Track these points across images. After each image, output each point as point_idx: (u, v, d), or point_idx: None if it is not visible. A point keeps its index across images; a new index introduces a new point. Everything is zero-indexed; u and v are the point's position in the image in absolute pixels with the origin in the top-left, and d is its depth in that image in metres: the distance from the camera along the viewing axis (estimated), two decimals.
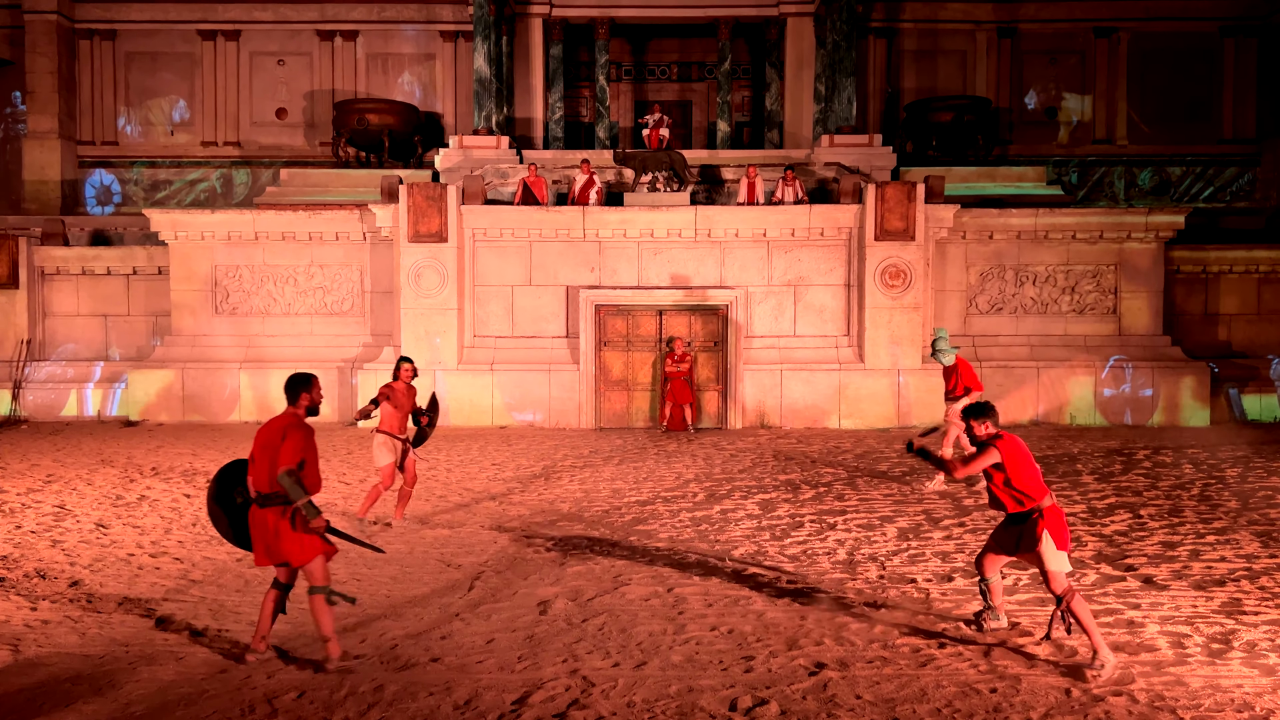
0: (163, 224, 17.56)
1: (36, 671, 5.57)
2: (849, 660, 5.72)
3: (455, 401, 16.62)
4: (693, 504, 10.21)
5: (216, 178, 25.33)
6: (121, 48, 25.37)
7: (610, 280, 16.89)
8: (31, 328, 18.06)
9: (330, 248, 17.66)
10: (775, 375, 16.44)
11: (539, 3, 23.76)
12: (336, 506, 10.05)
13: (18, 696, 5.22)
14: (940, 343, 11.38)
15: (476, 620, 6.45)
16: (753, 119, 25.70)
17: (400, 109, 22.92)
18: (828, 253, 16.85)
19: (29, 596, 7.00)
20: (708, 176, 20.10)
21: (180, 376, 17.12)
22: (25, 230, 19.16)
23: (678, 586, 7.19)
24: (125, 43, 25.37)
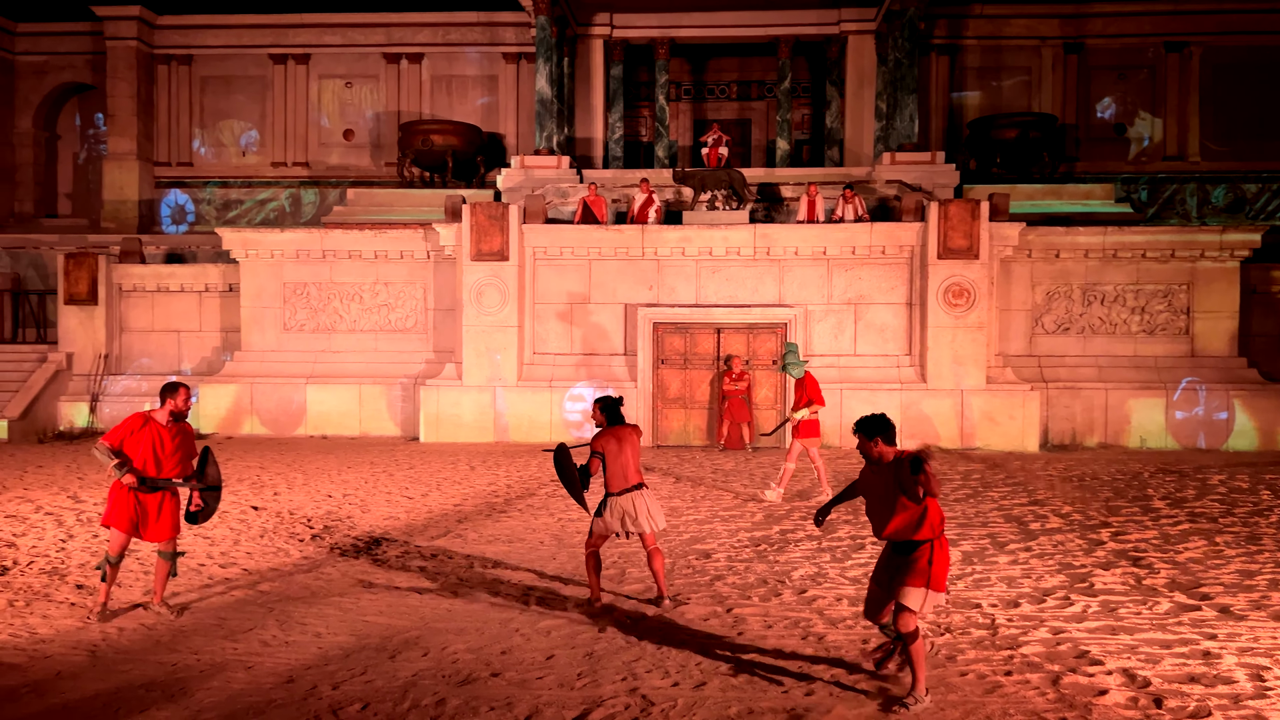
0: (234, 242, 18.05)
1: (112, 677, 5.73)
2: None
3: (514, 418, 16.78)
4: (751, 523, 10.15)
5: (286, 197, 25.98)
6: (197, 72, 26.23)
7: (668, 298, 16.93)
8: (109, 342, 18.67)
9: (395, 266, 17.99)
10: (835, 394, 16.26)
11: (600, 24, 24.01)
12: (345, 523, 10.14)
13: (94, 701, 5.37)
14: (791, 357, 12.05)
15: (536, 636, 6.48)
16: (812, 137, 25.62)
17: (463, 130, 23.30)
18: (889, 271, 16.69)
19: (107, 603, 7.19)
20: (767, 194, 20.08)
21: (249, 391, 17.55)
22: (104, 248, 19.88)
23: (736, 607, 7.14)
24: (201, 67, 26.22)
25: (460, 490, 12.13)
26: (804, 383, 11.73)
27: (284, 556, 8.70)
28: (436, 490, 12.14)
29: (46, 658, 6.05)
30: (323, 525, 10.05)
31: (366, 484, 12.51)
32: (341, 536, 9.52)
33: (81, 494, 11.65)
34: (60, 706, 5.30)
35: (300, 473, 13.37)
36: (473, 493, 11.97)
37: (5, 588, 7.63)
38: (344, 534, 9.63)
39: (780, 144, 23.75)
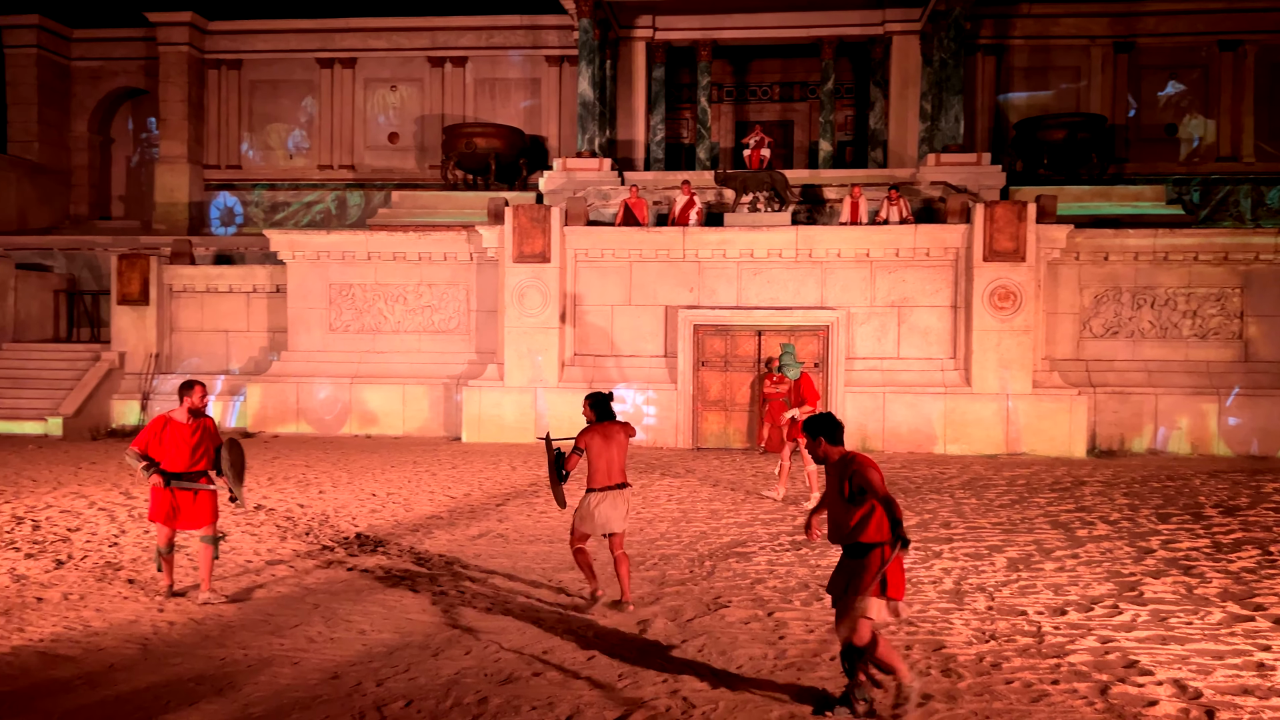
0: (281, 244, 18.33)
1: (163, 670, 5.84)
2: (956, 693, 5.56)
3: (555, 419, 16.83)
4: (792, 527, 10.10)
5: (332, 200, 26.34)
6: (246, 76, 26.68)
7: (709, 300, 16.91)
8: (159, 342, 19.04)
9: (438, 267, 18.15)
10: (877, 398, 16.17)
11: (642, 26, 24.04)
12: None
13: (145, 694, 5.48)
14: (787, 358, 12.16)
15: (578, 636, 6.50)
16: (855, 138, 25.44)
17: (506, 132, 23.46)
18: (933, 273, 16.53)
19: (156, 602, 7.34)
20: (809, 196, 19.97)
21: (296, 390, 17.80)
22: (156, 250, 20.27)
23: (778, 611, 7.11)
24: (250, 72, 26.68)
25: (502, 490, 12.21)
26: (800, 384, 11.88)
27: (328, 554, 8.81)
28: (478, 490, 12.22)
29: (100, 650, 6.19)
30: (366, 523, 10.16)
31: (410, 483, 12.63)
32: (385, 534, 9.62)
33: (133, 490, 11.89)
34: (113, 698, 5.42)
35: (345, 471, 13.54)
36: (514, 492, 12.04)
37: (60, 581, 7.81)
38: (387, 532, 9.73)
39: (823, 145, 23.62)
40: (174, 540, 7.38)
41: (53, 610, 7.03)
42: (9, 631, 6.53)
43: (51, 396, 18.28)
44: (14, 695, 5.44)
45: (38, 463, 14.22)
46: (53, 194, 26.80)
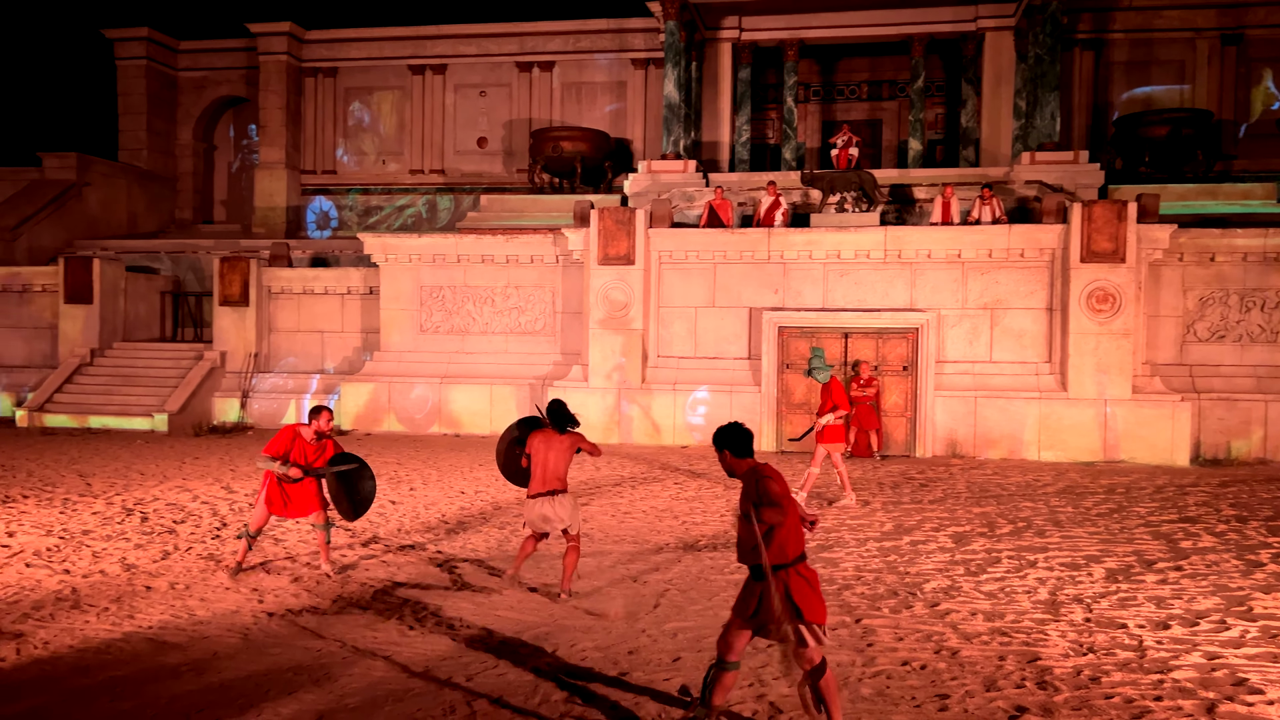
0: (374, 247, 18.80)
1: (263, 660, 6.05)
2: (1052, 707, 5.40)
3: (638, 420, 16.91)
4: (880, 533, 9.94)
5: (422, 203, 26.92)
6: (341, 84, 27.47)
7: (794, 302, 16.76)
8: (258, 342, 19.71)
9: (525, 270, 18.39)
10: (969, 402, 15.80)
11: (729, 27, 23.98)
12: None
13: (247, 682, 5.68)
14: (816, 362, 11.71)
15: (663, 637, 6.51)
16: (946, 137, 24.94)
17: (592, 136, 23.64)
18: (1028, 275, 16.09)
19: (257, 590, 7.61)
20: (898, 196, 19.65)
21: (387, 390, 18.23)
22: (255, 253, 21.00)
23: (866, 618, 7.01)
24: (345, 79, 27.45)
25: (586, 490, 12.29)
26: (830, 388, 11.62)
27: (419, 551, 9.00)
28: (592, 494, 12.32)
29: (204, 638, 6.43)
30: (456, 520, 10.35)
31: (497, 481, 12.82)
32: (473, 532, 9.78)
33: (234, 485, 12.33)
34: (217, 685, 5.63)
35: (434, 469, 13.81)
36: (598, 493, 12.12)
37: (167, 571, 8.15)
38: (475, 529, 9.89)
39: (913, 144, 23.21)
40: (263, 530, 8.19)
41: (160, 599, 7.33)
42: (121, 618, 6.83)
43: (157, 394, 19.07)
44: (126, 680, 5.69)
45: (145, 457, 14.86)
46: (160, 199, 27.99)
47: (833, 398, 11.52)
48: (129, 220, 26.63)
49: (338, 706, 5.32)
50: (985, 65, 23.30)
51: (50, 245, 23.84)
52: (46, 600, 7.25)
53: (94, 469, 13.58)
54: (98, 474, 13.14)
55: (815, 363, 11.77)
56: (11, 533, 9.49)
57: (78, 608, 7.07)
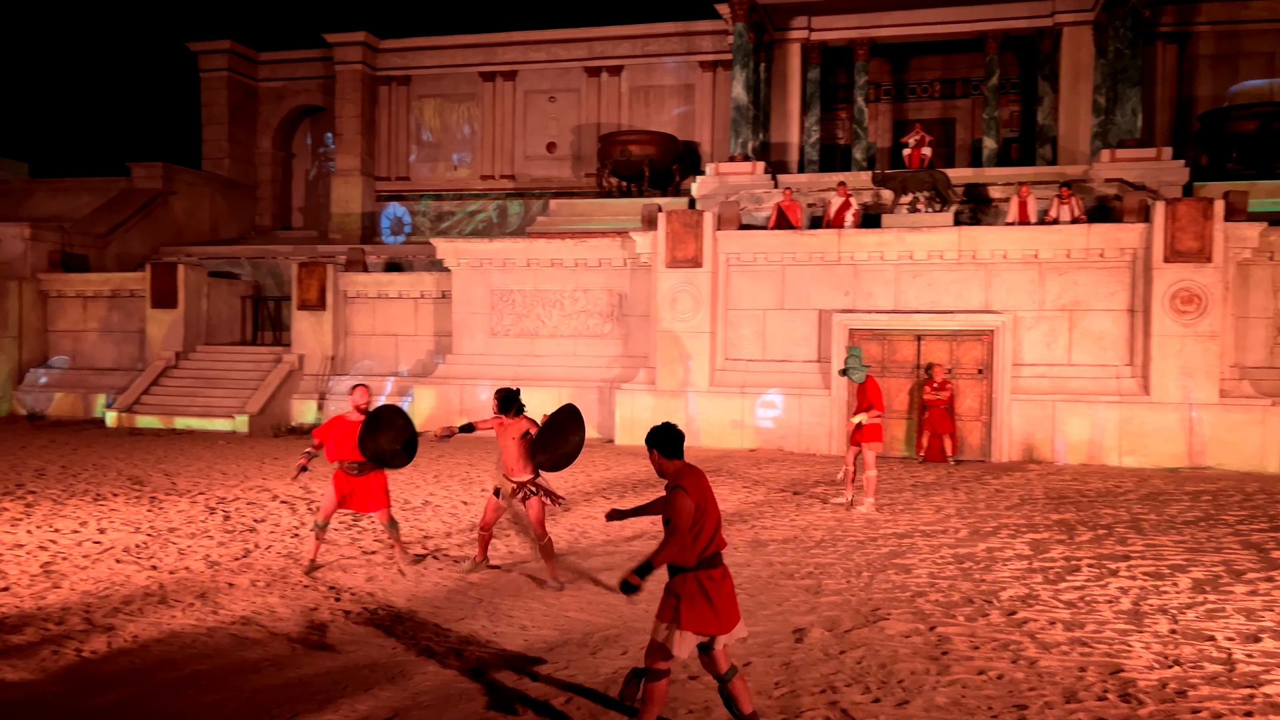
0: (446, 252, 19.09)
1: (340, 657, 6.18)
2: None
3: (706, 423, 16.87)
4: (955, 540, 9.76)
5: (493, 209, 27.28)
6: (414, 91, 27.98)
7: (865, 304, 16.55)
8: (335, 345, 20.17)
9: (593, 273, 18.49)
10: (1046, 406, 15.42)
11: (798, 28, 23.81)
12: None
13: (325, 678, 5.81)
14: (852, 361, 11.69)
15: (732, 642, 6.46)
16: (1022, 135, 24.41)
17: (660, 139, 23.67)
18: (1108, 275, 15.65)
19: (334, 588, 7.78)
20: (972, 196, 19.28)
21: (459, 392, 18.49)
22: (332, 258, 21.50)
23: (940, 625, 6.88)
24: (418, 86, 27.96)
25: (655, 493, 12.30)
26: (865, 387, 11.54)
27: (490, 550, 9.10)
28: (632, 492, 12.37)
29: (284, 635, 6.59)
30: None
31: (566, 484, 12.91)
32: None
33: (311, 485, 12.62)
34: (296, 680, 5.77)
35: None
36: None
37: (248, 568, 8.38)
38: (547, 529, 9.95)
39: (987, 143, 22.75)
40: (330, 519, 8.41)
41: (242, 596, 7.54)
42: (205, 614, 7.05)
43: (238, 395, 19.64)
44: (209, 674, 5.86)
45: (227, 457, 15.30)
46: (240, 207, 28.83)
47: (868, 397, 11.47)
48: (211, 227, 27.48)
49: (412, 704, 5.41)
50: (1063, 61, 22.73)
51: (138, 252, 24.72)
52: (135, 595, 7.51)
53: (179, 468, 14.03)
54: (182, 473, 13.58)
55: (851, 362, 11.75)
56: (103, 529, 9.86)
57: (164, 603, 7.31)
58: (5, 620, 6.81)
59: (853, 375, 11.68)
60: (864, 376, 11.62)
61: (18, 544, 9.15)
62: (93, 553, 8.87)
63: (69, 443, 16.84)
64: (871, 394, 11.50)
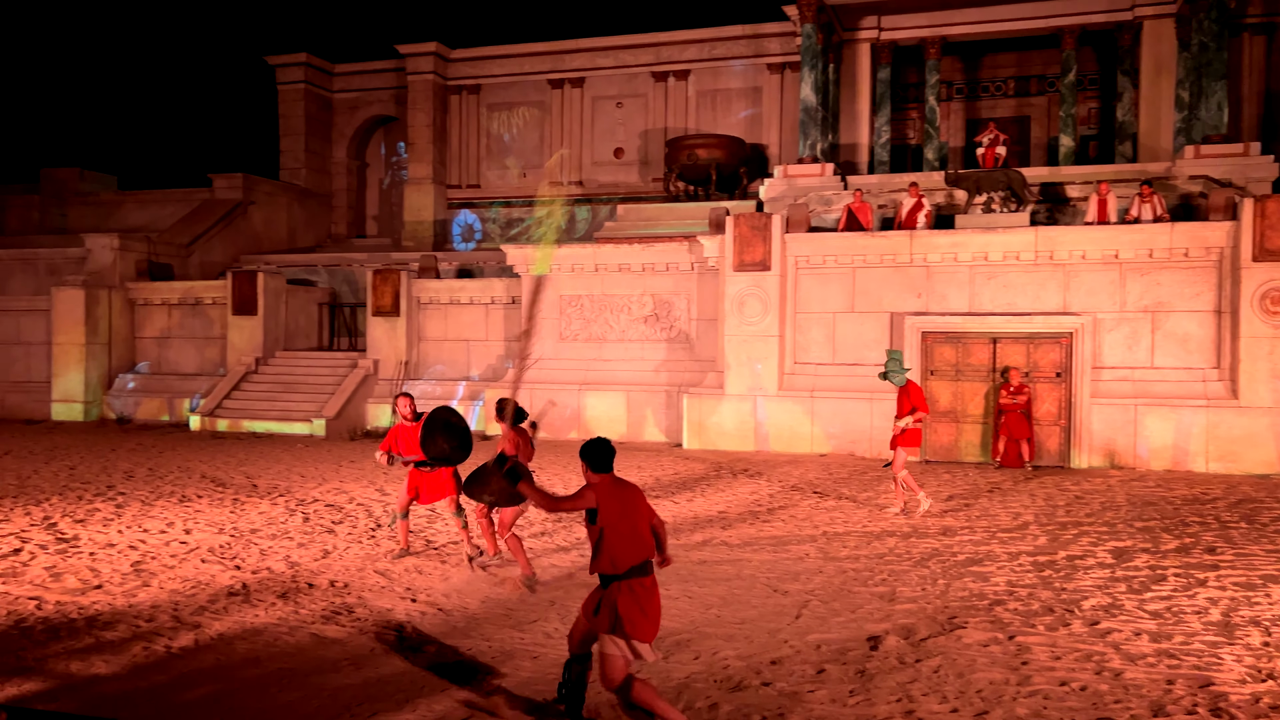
0: (516, 258, 19.31)
1: (418, 657, 6.28)
2: None
3: (775, 428, 16.76)
4: (1033, 547, 9.53)
5: (561, 215, 27.47)
6: (484, 100, 28.37)
7: (938, 306, 16.29)
8: (408, 350, 20.54)
9: (660, 278, 18.52)
10: (1128, 410, 14.99)
11: (867, 27, 23.54)
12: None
13: (403, 678, 5.91)
14: (892, 364, 11.47)
15: (806, 649, 6.42)
16: (1100, 132, 23.78)
17: (727, 142, 23.62)
18: (1193, 275, 15.15)
19: (410, 589, 7.92)
20: (1049, 195, 18.85)
21: (529, 396, 18.66)
22: (405, 265, 21.90)
23: (1020, 635, 6.73)
24: (487, 95, 28.33)
25: (723, 498, 12.27)
26: (907, 390, 11.35)
27: (561, 555, 9.17)
28: (700, 496, 12.35)
29: (362, 634, 6.73)
30: None
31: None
32: None
33: (386, 488, 12.87)
34: (375, 679, 5.88)
35: (575, 474, 14.04)
36: (735, 500, 12.07)
37: (327, 569, 8.57)
38: None
39: (1064, 141, 22.22)
40: (409, 510, 9.10)
41: (321, 596, 7.72)
42: (286, 613, 7.23)
43: (315, 400, 20.11)
44: (291, 672, 6.01)
45: (305, 460, 15.68)
46: (317, 215, 29.54)
47: (910, 400, 11.29)
48: (289, 235, 28.21)
49: (487, 705, 5.48)
50: (1143, 55, 22.09)
51: (219, 260, 25.50)
52: (220, 594, 7.73)
53: (259, 471, 14.42)
54: (263, 476, 13.95)
55: (891, 365, 11.55)
56: (189, 530, 10.18)
57: (248, 602, 7.52)
58: (99, 617, 7.08)
59: (892, 378, 11.49)
60: (904, 380, 11.45)
61: (109, 543, 9.50)
62: (179, 552, 9.16)
63: (155, 446, 17.44)
64: (914, 397, 11.33)
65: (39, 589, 7.83)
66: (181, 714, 5.38)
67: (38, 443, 17.75)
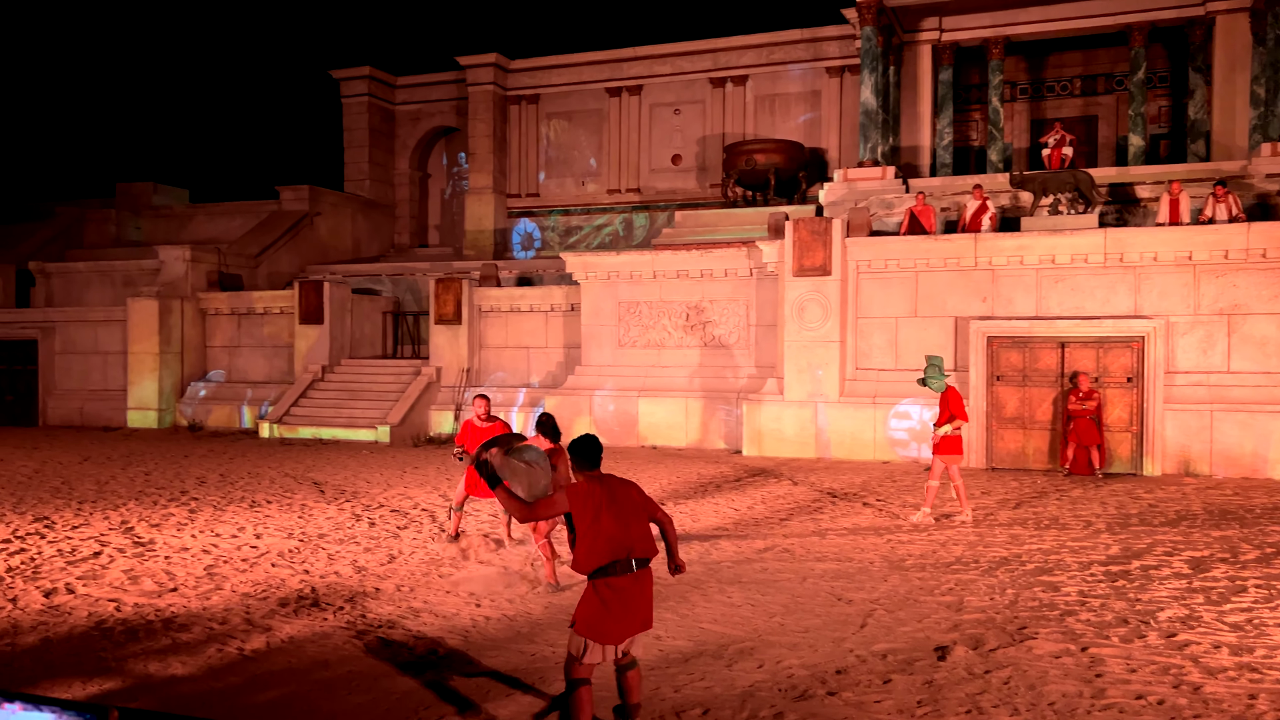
0: (575, 266, 19.43)
1: (483, 659, 6.34)
2: None
3: (836, 435, 16.60)
4: (1105, 557, 9.29)
5: (619, 222, 27.60)
6: (543, 109, 28.61)
7: (1004, 310, 16.00)
8: (470, 357, 20.78)
9: (719, 284, 18.48)
10: (1203, 416, 14.55)
11: (928, 29, 23.26)
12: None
13: (469, 683, 5.97)
14: (931, 370, 11.26)
15: (872, 658, 6.34)
16: (1171, 130, 23.18)
17: (786, 147, 23.50)
18: (1271, 277, 14.68)
19: (474, 595, 8.00)
20: (1118, 196, 18.42)
21: (588, 403, 18.76)
22: (466, 274, 22.16)
23: (1093, 646, 6.56)
24: (546, 105, 28.58)
25: (785, 505, 12.18)
26: (946, 398, 11.08)
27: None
28: (761, 504, 12.28)
29: (426, 639, 6.81)
30: (655, 532, 10.47)
31: (695, 494, 12.92)
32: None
33: (449, 493, 13.02)
34: (439, 682, 5.94)
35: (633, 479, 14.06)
36: (797, 508, 11.98)
37: (393, 574, 8.70)
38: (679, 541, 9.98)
39: (1133, 140, 21.69)
40: (464, 504, 10.06)
41: (388, 600, 7.83)
42: (354, 617, 7.35)
43: (380, 407, 20.44)
44: (360, 675, 6.11)
45: (371, 466, 15.95)
46: (380, 226, 30.07)
47: (950, 407, 11.06)
48: (353, 245, 28.74)
49: (550, 710, 5.50)
50: (1216, 52, 21.48)
51: (286, 270, 26.08)
52: (290, 598, 7.89)
53: (326, 477, 14.70)
54: (329, 482, 14.22)
55: (930, 371, 11.32)
56: (259, 535, 10.42)
57: (316, 605, 7.66)
58: (175, 619, 7.27)
59: (932, 384, 11.29)
60: (944, 385, 11.24)
61: (184, 547, 9.76)
62: (250, 556, 9.37)
63: (226, 452, 17.88)
64: (954, 404, 11.10)
65: (118, 591, 8.08)
66: (256, 715, 5.50)
67: (115, 449, 18.32)
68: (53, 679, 5.98)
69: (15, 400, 23.93)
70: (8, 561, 9.10)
